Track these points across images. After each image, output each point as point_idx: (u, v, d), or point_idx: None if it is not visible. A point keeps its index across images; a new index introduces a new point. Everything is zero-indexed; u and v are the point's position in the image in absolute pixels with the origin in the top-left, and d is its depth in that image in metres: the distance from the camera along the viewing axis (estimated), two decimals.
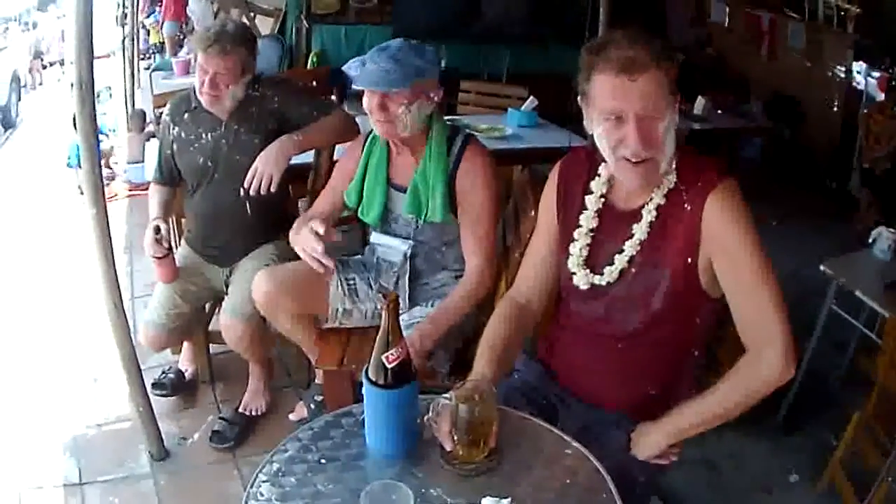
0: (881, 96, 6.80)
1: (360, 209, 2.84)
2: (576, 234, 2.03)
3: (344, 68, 2.73)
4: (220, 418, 3.38)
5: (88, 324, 4.12)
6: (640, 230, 1.92)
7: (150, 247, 3.09)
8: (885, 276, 3.50)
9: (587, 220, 2.02)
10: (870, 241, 3.85)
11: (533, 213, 2.44)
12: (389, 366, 1.56)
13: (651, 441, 1.96)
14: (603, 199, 2.02)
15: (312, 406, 3.30)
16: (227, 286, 3.29)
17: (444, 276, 2.86)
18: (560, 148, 4.70)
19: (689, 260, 1.86)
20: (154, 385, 3.46)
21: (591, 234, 2.02)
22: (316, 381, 3.34)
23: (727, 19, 9.49)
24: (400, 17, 8.69)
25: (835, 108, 7.83)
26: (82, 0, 2.46)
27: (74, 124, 7.37)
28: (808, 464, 3.37)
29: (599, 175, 2.03)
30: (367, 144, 2.82)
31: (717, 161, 1.93)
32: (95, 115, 2.67)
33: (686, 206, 1.86)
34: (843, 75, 7.75)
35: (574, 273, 2.02)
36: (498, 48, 6.89)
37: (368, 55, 2.59)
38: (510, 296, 2.22)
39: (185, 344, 3.64)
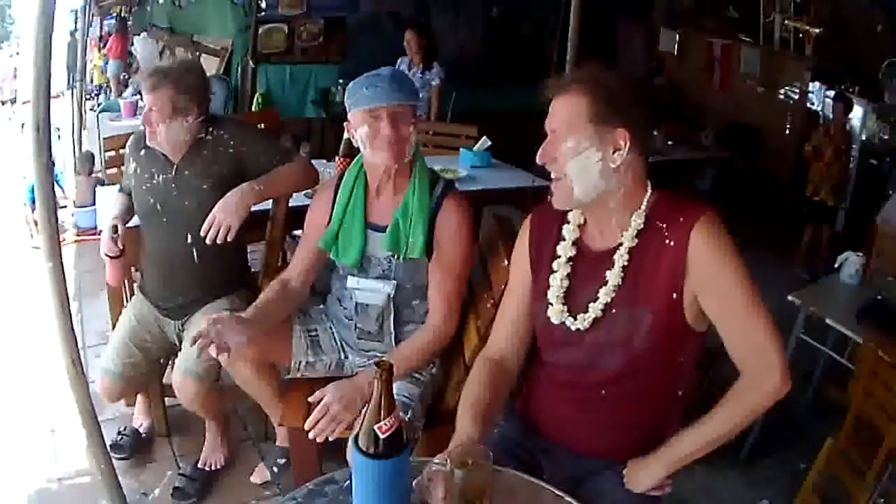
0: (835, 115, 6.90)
1: (334, 251, 2.71)
2: (551, 281, 2.01)
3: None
4: (181, 474, 3.28)
5: (42, 373, 4.04)
6: (613, 276, 1.92)
7: (106, 244, 3.04)
8: (855, 301, 3.52)
9: (563, 261, 2.01)
10: (836, 266, 3.87)
11: (505, 262, 2.41)
12: (383, 436, 1.49)
13: (649, 473, 1.96)
14: (576, 243, 2.02)
15: (276, 469, 3.23)
16: (179, 340, 3.21)
17: (411, 329, 2.76)
18: (522, 188, 4.68)
19: (675, 296, 1.86)
20: (112, 447, 3.33)
21: (567, 279, 2.00)
22: (278, 443, 3.29)
23: (676, 47, 9.59)
24: (351, 57, 8.71)
25: (787, 132, 7.94)
26: (42, 41, 2.36)
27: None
28: (780, 493, 3.41)
29: (569, 221, 2.04)
30: (340, 188, 2.72)
31: (694, 197, 1.95)
32: (52, 162, 2.55)
33: (668, 241, 1.86)
34: (796, 97, 7.86)
35: (551, 319, 2.00)
36: (448, 86, 6.86)
37: (361, 81, 2.54)
38: (485, 355, 2.18)
39: (139, 397, 3.55)
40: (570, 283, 2.00)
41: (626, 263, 1.90)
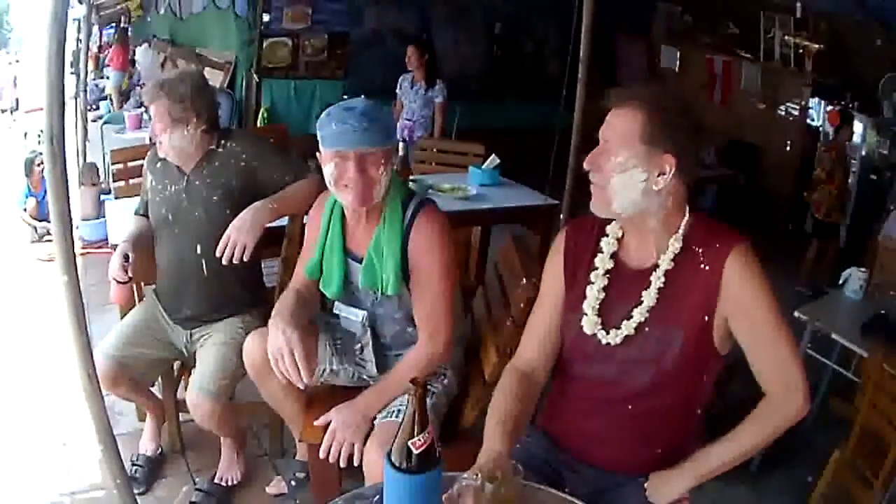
0: (831, 130, 6.92)
1: (321, 282, 2.70)
2: (588, 291, 2.03)
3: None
4: (197, 489, 3.27)
5: (53, 386, 4.04)
6: (648, 296, 1.95)
7: (116, 270, 3.00)
8: (859, 316, 3.55)
9: (601, 273, 2.03)
10: (840, 282, 3.90)
11: (524, 281, 2.42)
12: (416, 451, 1.51)
13: (673, 486, 1.99)
14: (614, 256, 2.04)
15: (293, 483, 3.24)
16: (187, 350, 3.23)
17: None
18: (531, 207, 4.68)
19: (706, 318, 1.90)
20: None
21: (604, 291, 2.02)
22: (297, 457, 3.29)
23: (678, 64, 9.60)
24: (354, 72, 8.76)
25: (788, 148, 7.95)
26: (55, 50, 2.36)
27: (26, 171, 7.35)
28: None
29: (608, 234, 2.05)
30: (327, 213, 2.68)
31: (728, 224, 1.97)
32: (66, 175, 2.54)
33: (703, 266, 1.90)
34: (796, 113, 7.88)
35: (584, 330, 2.02)
36: (451, 103, 6.85)
37: (333, 115, 2.42)
38: (514, 366, 2.18)
39: (147, 420, 3.51)
40: (605, 297, 2.02)
41: (661, 285, 1.93)
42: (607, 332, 1.99)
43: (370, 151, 2.41)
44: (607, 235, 2.05)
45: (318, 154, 2.52)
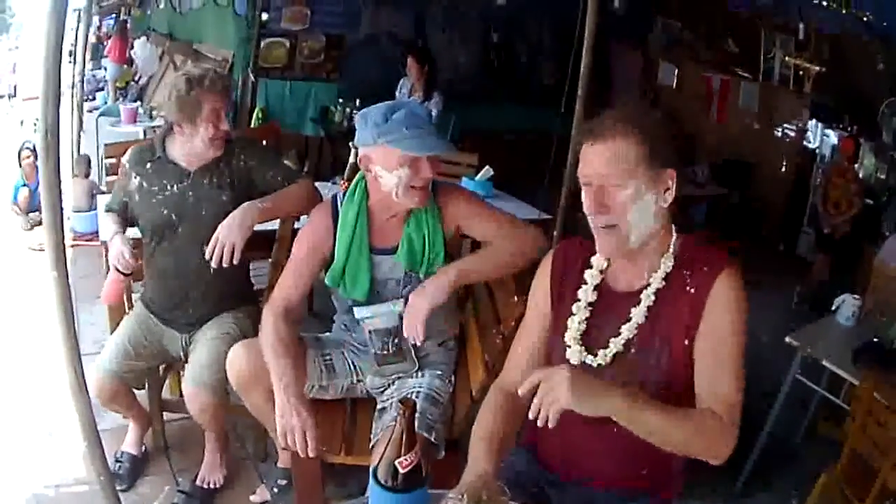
0: (844, 158, 6.91)
1: (342, 288, 2.72)
2: (570, 320, 2.02)
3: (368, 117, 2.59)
4: (179, 491, 3.26)
5: (39, 374, 4.04)
6: (637, 314, 1.93)
7: (124, 261, 2.98)
8: (851, 343, 3.54)
9: (583, 305, 2.01)
10: (832, 308, 3.89)
11: (515, 298, 2.45)
12: (403, 471, 1.50)
13: (595, 398, 1.74)
14: (600, 283, 2.02)
15: (276, 490, 3.23)
16: (184, 352, 3.20)
17: (429, 346, 2.77)
18: (527, 221, 4.66)
19: (686, 342, 1.88)
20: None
21: (588, 317, 2.01)
22: (279, 464, 3.28)
23: (675, 81, 9.59)
24: (347, 75, 8.73)
25: (782, 169, 7.97)
26: (52, 42, 2.33)
27: (18, 161, 7.30)
28: None
29: (592, 266, 2.04)
30: (340, 219, 2.71)
31: (719, 246, 1.96)
32: (59, 167, 2.51)
33: (689, 289, 1.88)
34: (793, 134, 7.88)
35: (570, 356, 2.00)
36: (446, 110, 6.81)
37: (401, 121, 2.50)
38: (499, 385, 2.17)
39: (130, 426, 3.48)
40: (590, 320, 2.00)
41: (651, 303, 1.92)
42: (594, 356, 1.97)
43: (438, 155, 2.62)
44: (591, 266, 2.04)
45: (364, 156, 2.60)
